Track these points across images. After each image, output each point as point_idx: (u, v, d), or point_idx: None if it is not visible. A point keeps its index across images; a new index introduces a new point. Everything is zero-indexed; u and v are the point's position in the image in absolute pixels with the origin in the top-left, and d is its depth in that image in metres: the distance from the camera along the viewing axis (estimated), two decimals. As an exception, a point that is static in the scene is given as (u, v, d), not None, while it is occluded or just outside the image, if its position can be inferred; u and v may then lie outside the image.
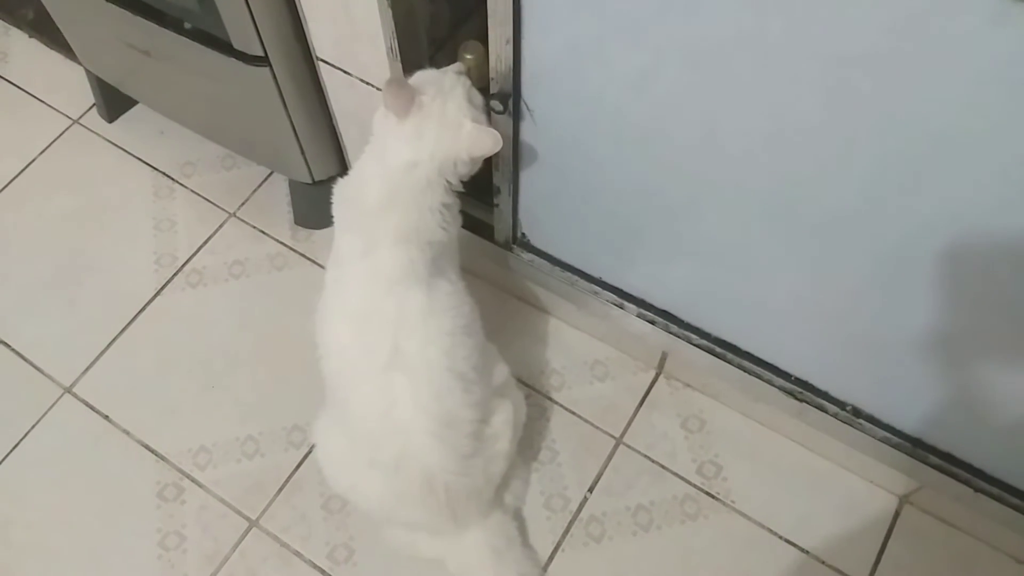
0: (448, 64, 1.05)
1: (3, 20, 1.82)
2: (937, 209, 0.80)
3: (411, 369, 1.00)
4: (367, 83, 1.15)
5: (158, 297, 1.47)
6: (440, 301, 1.02)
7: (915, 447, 1.12)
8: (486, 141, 0.96)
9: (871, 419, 1.13)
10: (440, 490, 1.05)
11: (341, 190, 1.04)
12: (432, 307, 1.01)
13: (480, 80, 1.26)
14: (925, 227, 0.83)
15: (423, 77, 1.00)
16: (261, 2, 1.09)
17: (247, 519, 1.27)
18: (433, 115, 0.95)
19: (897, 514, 1.26)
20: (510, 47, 0.93)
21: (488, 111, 1.02)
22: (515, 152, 1.10)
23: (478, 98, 1.00)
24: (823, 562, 1.23)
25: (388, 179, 0.97)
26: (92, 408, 1.37)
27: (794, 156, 0.84)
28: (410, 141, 0.96)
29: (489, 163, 1.14)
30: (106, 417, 1.36)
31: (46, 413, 1.36)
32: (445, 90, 0.97)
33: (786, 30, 0.73)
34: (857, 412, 1.14)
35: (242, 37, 1.16)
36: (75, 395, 1.38)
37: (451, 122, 0.96)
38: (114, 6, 1.25)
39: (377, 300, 1.00)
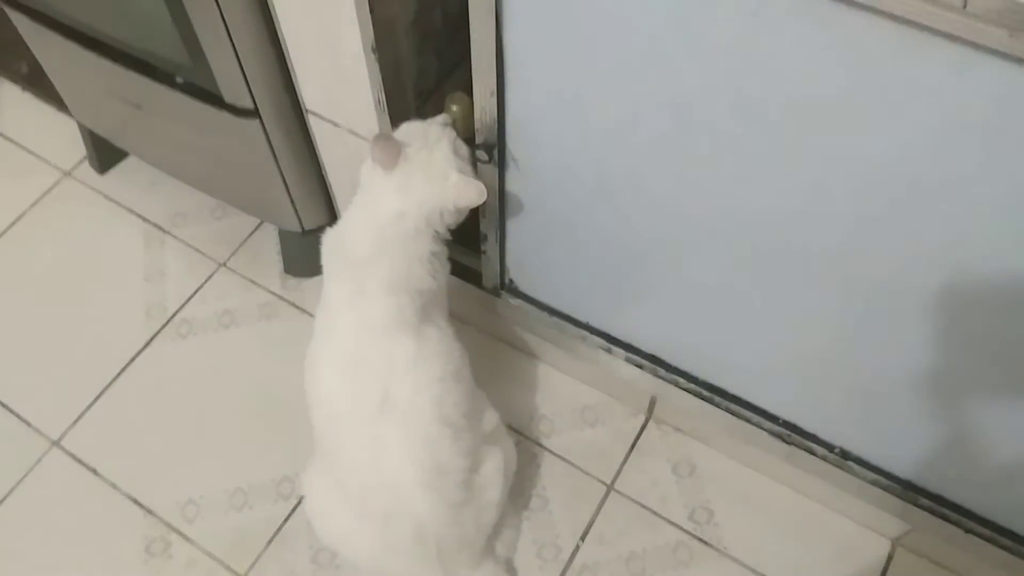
0: (434, 115, 1.07)
1: (-4, 74, 1.84)
2: (921, 251, 0.81)
3: (401, 418, 0.99)
4: (355, 134, 1.17)
5: (147, 348, 1.47)
6: (429, 347, 1.02)
7: (905, 489, 1.11)
8: (471, 192, 0.98)
9: (860, 461, 1.13)
10: (431, 542, 1.04)
11: (330, 240, 1.05)
12: (421, 354, 1.01)
13: (466, 131, 1.29)
14: (910, 269, 0.84)
15: (409, 129, 1.02)
16: (252, 56, 1.12)
17: (235, 574, 1.25)
18: (419, 167, 0.97)
19: (890, 557, 1.25)
20: (494, 99, 0.95)
21: (474, 162, 1.04)
22: (501, 200, 1.12)
23: (464, 149, 1.02)
24: (818, 607, 1.22)
25: (376, 229, 0.99)
26: (80, 461, 1.35)
27: (775, 200, 0.86)
28: (397, 192, 0.97)
29: (476, 211, 1.15)
30: (94, 471, 1.35)
31: (34, 467, 1.35)
32: (431, 142, 0.99)
33: (759, 80, 0.75)
34: (845, 454, 1.14)
35: (233, 90, 1.18)
36: (63, 448, 1.37)
37: (437, 173, 0.98)
38: (106, 61, 1.27)
39: (366, 348, 1.01)
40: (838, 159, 0.77)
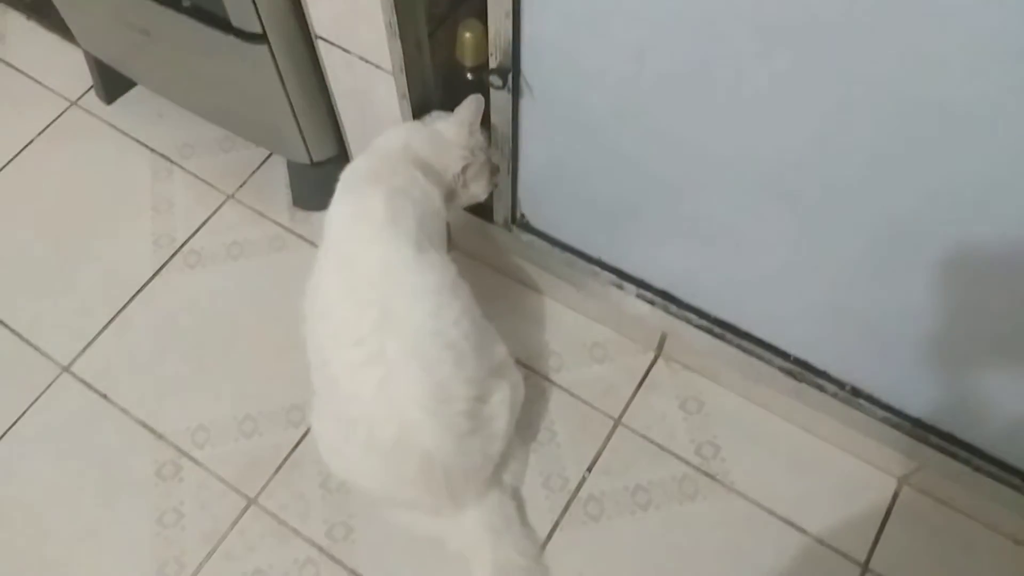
0: (447, 41, 1.07)
1: (0, 2, 1.81)
2: (938, 187, 0.80)
3: (401, 332, 0.99)
4: (366, 60, 1.15)
5: (156, 277, 1.47)
6: (427, 260, 1.03)
7: (915, 427, 1.11)
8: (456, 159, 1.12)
9: (870, 399, 1.13)
10: (438, 471, 1.04)
11: (344, 173, 1.11)
12: (419, 263, 1.01)
13: (479, 57, 1.26)
14: (927, 208, 0.82)
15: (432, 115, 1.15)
16: (260, -22, 1.09)
17: (245, 497, 1.27)
18: (440, 127, 1.12)
19: (896, 495, 1.26)
20: (509, 21, 0.93)
21: (491, 169, 1.16)
22: (514, 130, 1.10)
23: (480, 136, 1.13)
24: (821, 542, 1.23)
25: (383, 152, 1.07)
26: (90, 387, 1.36)
27: (793, 132, 0.84)
28: (411, 131, 1.07)
29: (488, 144, 1.14)
30: (104, 396, 1.36)
31: (44, 392, 1.36)
32: (454, 115, 1.13)
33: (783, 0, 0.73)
34: (856, 392, 1.13)
35: (240, 14, 1.15)
36: (73, 374, 1.38)
37: (452, 135, 1.11)
38: (112, -17, 1.25)
39: (363, 251, 1.02)
40: (863, 87, 0.75)
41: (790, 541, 1.23)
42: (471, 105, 1.11)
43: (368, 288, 1.00)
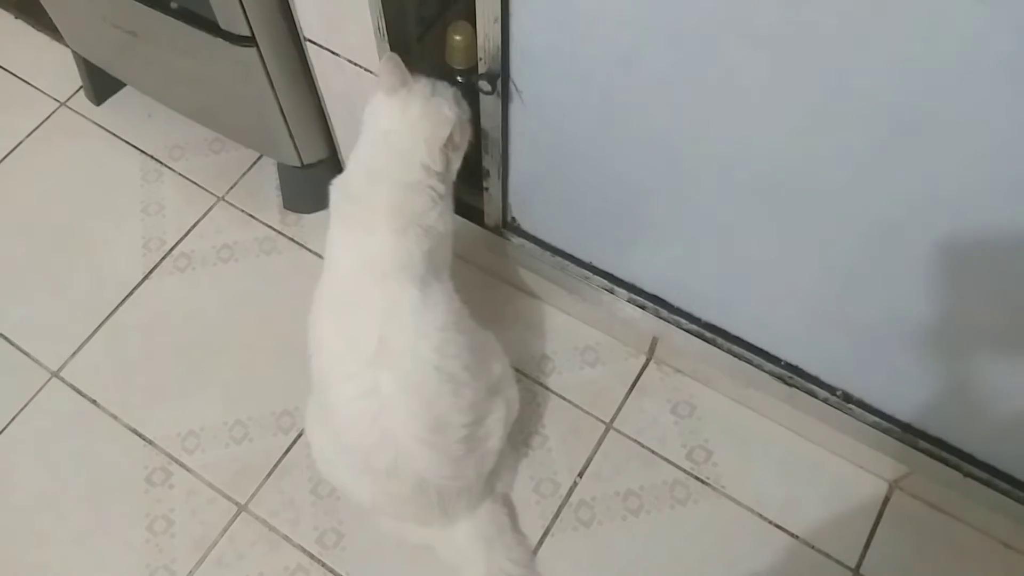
0: (436, 45, 1.05)
1: (-11, 2, 1.80)
2: (927, 191, 0.79)
3: (398, 366, 0.97)
4: (355, 64, 1.14)
5: (146, 281, 1.46)
6: (432, 298, 1.01)
7: (905, 432, 1.11)
8: (444, 126, 0.98)
9: (861, 404, 1.13)
10: (432, 493, 1.04)
11: (337, 183, 1.05)
12: (426, 303, 0.99)
13: (468, 61, 1.25)
14: (915, 210, 0.82)
15: (421, 77, 1.02)
16: (248, -20, 1.08)
17: (236, 503, 1.27)
18: (419, 96, 0.98)
19: (887, 499, 1.26)
20: (498, 25, 0.92)
21: (471, 118, 1.05)
22: (504, 134, 1.09)
23: (465, 106, 1.04)
24: (812, 547, 1.22)
25: (370, 153, 1.00)
26: (80, 392, 1.36)
27: (780, 134, 0.84)
28: (393, 113, 0.98)
29: (479, 148, 1.13)
30: (94, 401, 1.35)
31: (33, 397, 1.35)
32: (436, 86, 1.01)
33: (770, 7, 0.72)
34: (847, 397, 1.13)
35: (229, 16, 1.14)
36: (62, 379, 1.37)
37: (434, 106, 0.98)
38: (99, -15, 1.24)
39: (366, 289, 0.99)
40: (849, 92, 0.75)
41: (781, 545, 1.23)
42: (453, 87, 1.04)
43: (367, 318, 0.98)
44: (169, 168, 1.58)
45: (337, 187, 1.04)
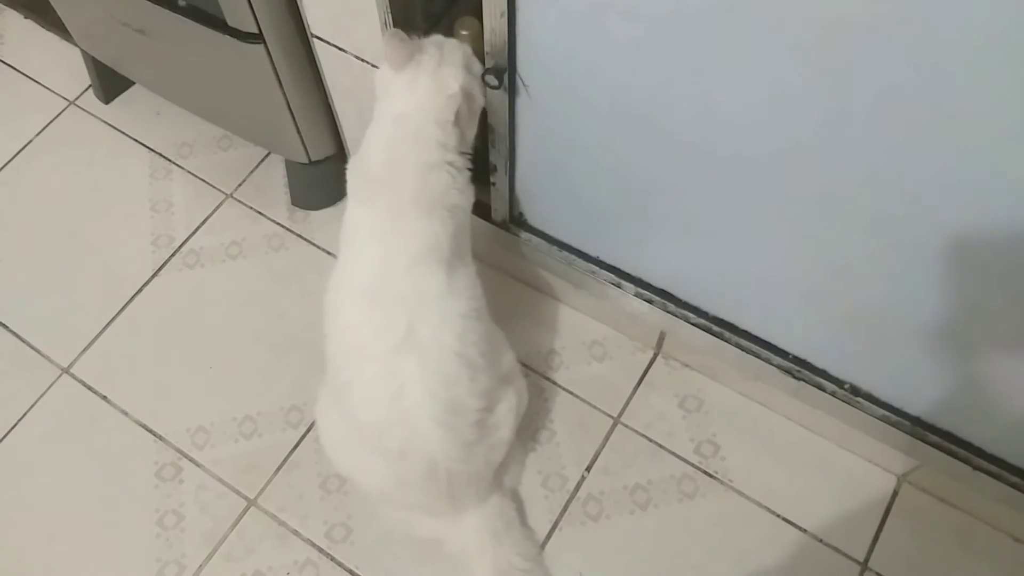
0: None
1: (-2, 1, 1.81)
2: (935, 185, 0.79)
3: (423, 352, 0.98)
4: (362, 60, 1.14)
5: (155, 278, 1.47)
6: (458, 283, 1.01)
7: (914, 425, 1.11)
8: (451, 106, 0.96)
9: (870, 397, 1.13)
10: (442, 477, 1.04)
11: (353, 164, 1.04)
12: (451, 288, 1.00)
13: (476, 57, 1.25)
14: (923, 204, 0.82)
15: (428, 40, 1.00)
16: (255, -22, 1.09)
17: (245, 498, 1.27)
18: (427, 70, 0.97)
19: (896, 493, 1.26)
20: (504, 20, 0.92)
21: (483, 80, 1.02)
22: (511, 129, 1.09)
23: (477, 66, 1.01)
24: (821, 541, 1.22)
25: (383, 134, 0.99)
26: (90, 388, 1.37)
27: (790, 128, 0.83)
28: (401, 93, 0.97)
29: (486, 142, 1.13)
30: (104, 397, 1.36)
31: (44, 394, 1.36)
32: (445, 52, 0.99)
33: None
34: (855, 390, 1.13)
35: (236, 14, 1.15)
36: (73, 375, 1.38)
37: (441, 81, 0.97)
38: (107, -17, 1.24)
39: (396, 277, 0.99)
40: (861, 86, 0.75)
41: (789, 539, 1.23)
42: (462, 45, 1.02)
43: (397, 305, 0.98)
44: (178, 166, 1.59)
45: (354, 170, 1.03)
